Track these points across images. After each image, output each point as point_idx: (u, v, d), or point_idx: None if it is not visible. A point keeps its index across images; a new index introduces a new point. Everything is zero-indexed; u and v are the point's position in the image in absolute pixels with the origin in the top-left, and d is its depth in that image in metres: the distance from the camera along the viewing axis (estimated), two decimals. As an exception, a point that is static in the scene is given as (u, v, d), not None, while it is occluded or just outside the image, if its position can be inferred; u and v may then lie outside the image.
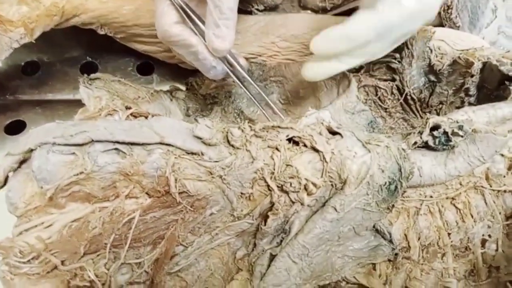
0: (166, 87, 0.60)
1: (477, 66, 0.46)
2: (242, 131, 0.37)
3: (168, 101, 0.55)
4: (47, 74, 0.61)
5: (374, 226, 0.41)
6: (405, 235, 0.42)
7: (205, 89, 0.56)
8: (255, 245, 0.40)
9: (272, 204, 0.38)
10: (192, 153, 0.36)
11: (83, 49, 0.64)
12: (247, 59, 0.57)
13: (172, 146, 0.36)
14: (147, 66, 0.64)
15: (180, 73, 0.61)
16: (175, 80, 0.62)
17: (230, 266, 0.40)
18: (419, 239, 0.42)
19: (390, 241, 0.41)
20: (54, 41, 0.63)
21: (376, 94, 0.51)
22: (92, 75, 0.54)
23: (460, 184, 0.42)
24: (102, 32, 0.56)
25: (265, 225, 0.38)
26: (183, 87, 0.61)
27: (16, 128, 0.56)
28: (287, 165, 0.38)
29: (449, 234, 0.42)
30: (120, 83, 0.55)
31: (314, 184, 0.37)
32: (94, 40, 0.60)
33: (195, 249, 0.38)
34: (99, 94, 0.50)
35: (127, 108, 0.47)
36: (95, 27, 0.55)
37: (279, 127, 0.40)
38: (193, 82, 0.57)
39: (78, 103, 0.52)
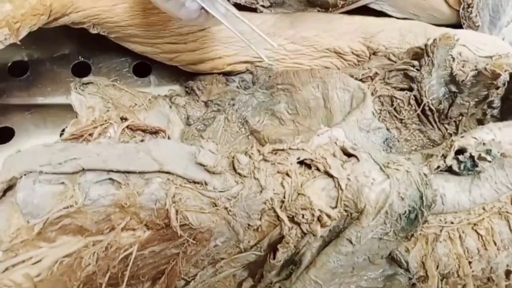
0: (164, 90, 0.56)
1: (504, 78, 0.42)
2: (250, 157, 0.34)
3: (167, 108, 0.51)
4: (36, 75, 0.56)
5: (390, 254, 0.38)
6: (423, 263, 0.39)
7: (207, 95, 0.52)
8: (262, 275, 0.37)
9: (281, 235, 0.35)
10: (195, 182, 0.33)
11: (74, 46, 0.59)
12: (251, 62, 0.53)
13: (173, 174, 0.32)
14: (144, 66, 0.59)
15: (179, 75, 0.57)
16: (174, 82, 0.58)
17: (236, 299, 0.37)
18: (437, 267, 0.39)
19: (407, 270, 0.39)
20: (43, 37, 0.58)
21: (392, 105, 0.47)
22: (85, 79, 0.50)
23: (484, 209, 0.39)
24: (94, 32, 0.52)
25: (274, 258, 0.35)
26: (182, 91, 0.57)
27: (3, 135, 0.52)
28: (299, 193, 0.34)
29: (470, 262, 0.39)
30: (115, 88, 0.51)
31: (329, 216, 0.34)
32: (86, 37, 0.55)
33: (198, 283, 0.35)
34: (92, 103, 0.47)
35: (123, 119, 0.43)
36: (87, 27, 0.51)
37: (290, 148, 0.36)
38: (194, 86, 0.53)
39: (71, 108, 0.49)
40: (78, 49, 0.59)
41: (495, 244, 0.39)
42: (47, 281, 0.31)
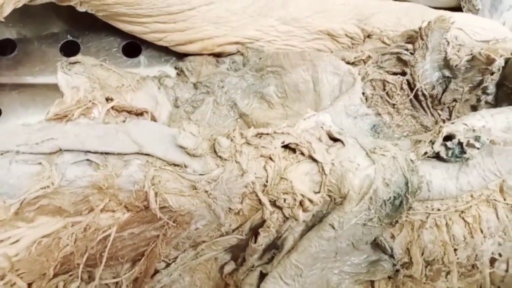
0: (154, 71, 0.55)
1: (499, 63, 0.41)
2: (232, 140, 0.33)
3: (156, 90, 0.50)
4: (24, 54, 0.55)
5: (374, 240, 0.38)
6: (408, 249, 0.39)
7: (196, 76, 0.51)
8: (244, 259, 0.37)
9: (263, 219, 0.34)
10: (175, 165, 0.32)
11: (63, 25, 0.58)
12: (242, 43, 0.52)
13: (152, 156, 0.32)
14: (134, 46, 0.58)
15: (170, 56, 0.56)
16: (164, 63, 0.57)
17: (218, 282, 0.37)
18: (422, 254, 0.39)
19: (391, 256, 0.38)
20: (30, 15, 0.57)
21: (384, 89, 0.46)
22: (72, 59, 0.49)
23: (472, 197, 0.38)
24: (82, 9, 0.50)
25: (255, 242, 0.34)
26: (173, 71, 0.56)
27: (-10, 115, 0.52)
28: (281, 178, 0.34)
29: (455, 250, 0.38)
30: (102, 68, 0.50)
31: (311, 201, 0.33)
32: (75, 16, 0.54)
33: (179, 265, 0.35)
34: (78, 83, 0.45)
35: (108, 99, 0.43)
36: (74, 4, 0.49)
37: (275, 132, 0.35)
38: (183, 67, 0.52)
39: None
40: (67, 28, 0.58)
41: (482, 232, 0.38)
42: (25, 261, 0.31)
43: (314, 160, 0.35)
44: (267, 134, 0.36)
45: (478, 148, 0.35)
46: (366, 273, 0.38)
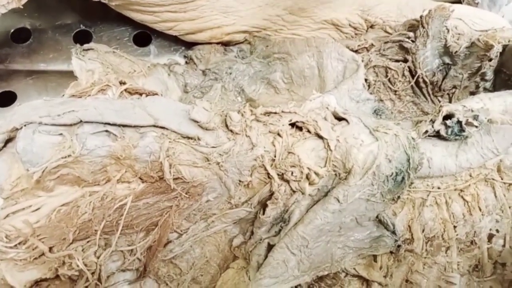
0: (163, 60, 0.57)
1: (497, 49, 0.43)
2: (242, 115, 0.35)
3: (166, 76, 0.52)
4: (38, 42, 0.57)
5: (377, 217, 0.40)
6: (409, 226, 0.41)
7: (205, 64, 0.53)
8: (252, 232, 0.38)
9: (271, 193, 0.36)
10: (188, 138, 0.34)
11: (76, 15, 0.60)
12: (250, 32, 0.54)
13: (167, 129, 0.33)
14: (144, 36, 0.60)
15: (179, 45, 0.58)
16: (173, 52, 0.59)
17: (226, 254, 0.38)
18: (423, 231, 0.40)
19: (393, 232, 0.40)
20: (45, 5, 0.59)
21: (386, 76, 0.48)
22: (86, 46, 0.51)
23: (470, 176, 0.40)
24: (96, -1, 0.52)
25: (263, 214, 0.36)
26: (181, 60, 0.57)
27: (5, 99, 0.54)
28: (289, 152, 0.35)
29: (454, 227, 0.40)
30: (115, 54, 0.52)
31: (317, 174, 0.35)
32: (88, 6, 0.56)
33: (190, 236, 0.36)
34: (92, 67, 0.47)
35: (121, 83, 0.44)
36: (90, -7, 0.51)
37: (282, 111, 0.37)
38: (192, 55, 0.54)
39: (72, 75, 0.50)
40: (80, 18, 0.60)
41: (480, 209, 0.40)
42: (45, 227, 0.32)
43: (320, 137, 0.37)
44: (275, 113, 0.37)
45: (476, 127, 0.37)
46: (369, 248, 0.40)
